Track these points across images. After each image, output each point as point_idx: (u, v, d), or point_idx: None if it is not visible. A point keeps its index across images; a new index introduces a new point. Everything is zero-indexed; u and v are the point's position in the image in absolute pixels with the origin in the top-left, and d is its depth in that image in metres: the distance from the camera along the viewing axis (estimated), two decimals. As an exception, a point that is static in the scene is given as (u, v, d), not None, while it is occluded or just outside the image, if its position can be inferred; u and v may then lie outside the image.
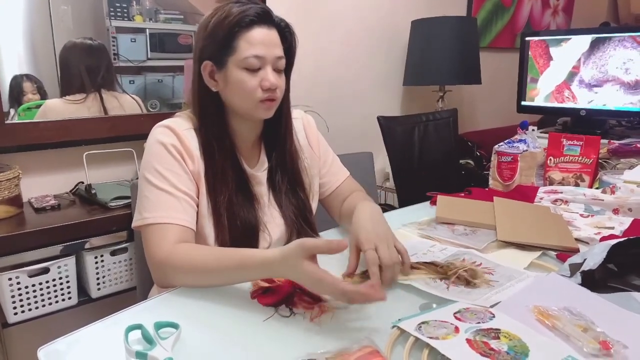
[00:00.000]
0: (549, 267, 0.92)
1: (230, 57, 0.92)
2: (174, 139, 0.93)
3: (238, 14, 0.90)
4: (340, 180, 1.17)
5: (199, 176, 0.95)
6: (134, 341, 0.67)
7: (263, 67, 0.93)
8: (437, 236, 1.08)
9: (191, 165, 0.94)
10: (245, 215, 0.98)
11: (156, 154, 0.93)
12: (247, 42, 0.91)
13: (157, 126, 0.96)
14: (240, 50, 0.91)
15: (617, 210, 1.20)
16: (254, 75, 0.92)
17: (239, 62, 0.91)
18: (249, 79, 0.92)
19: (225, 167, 0.96)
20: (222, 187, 0.96)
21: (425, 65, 2.26)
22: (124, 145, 1.60)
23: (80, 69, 1.57)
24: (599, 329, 0.65)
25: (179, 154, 0.93)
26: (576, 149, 1.45)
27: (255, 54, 0.91)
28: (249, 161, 1.03)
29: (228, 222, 0.95)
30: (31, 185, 1.50)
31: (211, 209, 0.96)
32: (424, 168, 1.98)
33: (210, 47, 0.93)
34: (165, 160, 0.92)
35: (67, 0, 1.54)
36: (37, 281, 1.28)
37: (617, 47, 1.90)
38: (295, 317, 0.73)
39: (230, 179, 0.97)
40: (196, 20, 1.81)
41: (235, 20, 0.90)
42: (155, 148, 0.93)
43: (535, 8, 3.11)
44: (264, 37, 0.92)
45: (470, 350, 0.61)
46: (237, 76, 0.92)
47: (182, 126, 0.95)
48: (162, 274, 0.85)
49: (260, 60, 0.92)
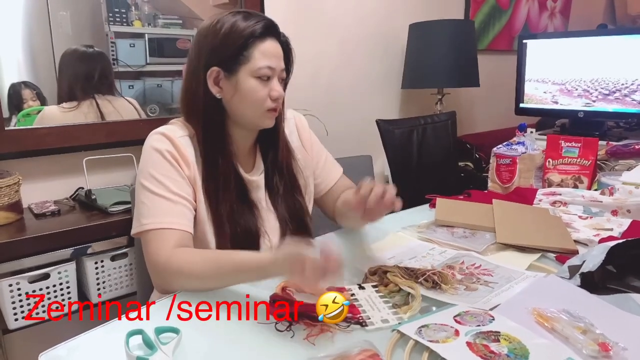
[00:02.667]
0: (548, 269, 0.92)
1: (243, 65, 0.94)
2: (169, 145, 0.94)
3: (253, 24, 0.93)
4: (334, 180, 1.19)
5: (195, 182, 0.96)
6: (134, 346, 0.67)
7: (272, 78, 0.96)
8: (436, 239, 1.08)
9: (187, 170, 0.95)
10: (245, 223, 0.99)
11: (152, 161, 0.93)
12: (261, 53, 0.94)
13: (152, 134, 0.97)
14: (254, 60, 0.93)
15: (616, 211, 1.20)
16: (265, 85, 0.95)
17: (252, 71, 0.94)
18: (260, 88, 0.95)
19: (226, 174, 0.97)
20: (224, 195, 0.97)
21: (424, 68, 2.27)
22: (123, 150, 1.60)
23: (72, 77, 1.57)
24: (598, 330, 0.65)
25: (174, 159, 0.94)
26: (574, 150, 1.45)
27: (268, 64, 0.94)
28: (245, 167, 1.04)
29: (230, 231, 0.97)
30: (31, 191, 1.50)
31: (212, 217, 0.96)
32: (422, 171, 1.98)
33: (221, 54, 0.94)
34: (161, 166, 0.93)
35: (66, 5, 1.54)
36: (38, 287, 1.28)
37: (615, 49, 1.91)
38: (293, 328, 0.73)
39: (232, 187, 0.98)
40: (195, 25, 1.82)
41: (250, 31, 0.93)
42: (151, 155, 0.94)
43: (532, 10, 3.12)
44: (275, 50, 0.96)
45: (470, 353, 0.61)
46: (249, 85, 0.94)
47: (177, 133, 0.96)
48: (162, 279, 0.86)
49: (272, 72, 0.95)
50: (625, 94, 1.89)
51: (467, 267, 0.93)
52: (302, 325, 0.73)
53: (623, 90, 1.90)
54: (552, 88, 2.09)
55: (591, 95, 1.98)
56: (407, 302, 0.79)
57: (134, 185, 1.25)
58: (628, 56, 1.88)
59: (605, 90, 1.94)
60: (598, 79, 1.95)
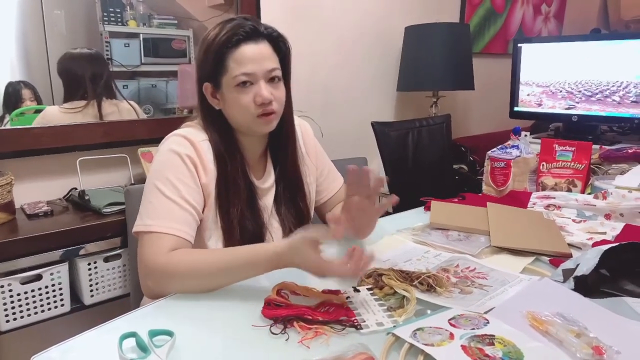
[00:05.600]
0: (542, 272, 0.92)
1: (223, 77, 0.94)
2: (190, 150, 0.93)
3: (224, 34, 0.92)
4: (335, 189, 1.19)
5: (210, 190, 0.95)
6: (128, 349, 0.66)
7: (255, 83, 0.93)
8: (431, 242, 1.08)
9: (204, 177, 0.94)
10: (253, 228, 0.99)
11: (169, 163, 0.92)
12: (235, 62, 0.92)
13: (172, 135, 0.96)
14: (230, 70, 0.93)
15: (609, 215, 1.21)
16: (247, 92, 0.93)
17: (230, 81, 0.93)
18: (242, 96, 0.93)
19: (236, 179, 0.97)
20: (234, 199, 0.97)
21: (419, 71, 2.28)
22: (118, 151, 1.59)
23: (84, 78, 1.56)
24: (592, 334, 0.66)
25: (193, 165, 0.93)
26: (568, 154, 1.46)
27: (244, 71, 0.92)
28: (256, 173, 1.04)
29: (240, 234, 0.96)
30: (24, 192, 1.49)
31: (221, 220, 0.96)
32: (417, 173, 1.99)
33: (205, 70, 0.96)
34: (178, 170, 0.92)
35: (60, 5, 1.53)
36: (30, 288, 1.27)
37: (608, 53, 1.93)
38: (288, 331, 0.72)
39: (242, 191, 0.98)
40: (190, 25, 1.81)
41: (222, 41, 0.92)
42: (169, 157, 0.93)
43: (527, 14, 3.14)
44: (253, 53, 0.93)
45: (465, 356, 0.61)
46: (231, 95, 0.94)
47: (198, 137, 0.96)
48: (156, 281, 0.85)
49: (251, 77, 0.93)
50: (618, 98, 1.91)
51: (461, 270, 0.93)
52: (297, 328, 0.72)
53: (615, 94, 1.91)
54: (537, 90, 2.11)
55: (583, 99, 1.99)
56: (402, 305, 0.79)
57: (129, 186, 1.25)
58: (621, 60, 1.89)
59: (598, 94, 1.95)
60: (591, 82, 1.96)
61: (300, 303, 0.78)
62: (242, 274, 0.83)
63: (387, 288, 0.83)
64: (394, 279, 0.85)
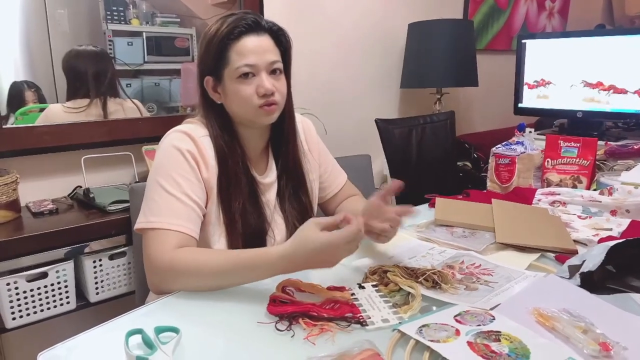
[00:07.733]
0: (547, 269, 0.92)
1: (224, 70, 0.94)
2: (190, 145, 0.93)
3: (226, 27, 0.92)
4: (339, 186, 1.19)
5: (212, 185, 0.95)
6: (134, 346, 0.67)
7: (257, 74, 0.94)
8: (436, 238, 1.08)
9: (205, 172, 0.94)
10: (255, 222, 0.99)
11: (171, 159, 0.92)
12: (237, 53, 0.93)
13: (173, 131, 0.96)
14: (232, 62, 0.93)
15: (615, 211, 1.20)
16: (249, 83, 0.94)
17: (232, 73, 0.93)
18: (244, 87, 0.93)
19: (238, 174, 0.97)
20: (236, 193, 0.97)
21: (422, 68, 2.27)
22: (122, 149, 1.60)
23: (87, 76, 1.57)
24: (598, 330, 0.65)
25: (194, 160, 0.93)
26: (573, 150, 1.45)
27: (246, 63, 0.92)
28: (257, 168, 1.04)
29: (242, 229, 0.96)
30: (29, 190, 1.49)
31: (223, 215, 0.96)
32: (421, 170, 1.98)
33: (206, 63, 0.96)
34: (179, 166, 0.92)
35: (63, 3, 1.53)
36: (36, 286, 1.28)
37: (613, 49, 1.91)
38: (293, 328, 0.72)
39: (243, 186, 0.98)
40: (193, 24, 1.81)
41: (224, 34, 0.92)
42: (171, 152, 0.93)
43: (531, 10, 3.13)
44: (255, 45, 0.93)
45: (471, 352, 0.61)
46: (233, 87, 0.94)
47: (198, 132, 0.96)
48: (162, 278, 0.85)
49: (253, 68, 0.93)
50: (624, 94, 1.90)
51: (467, 267, 0.92)
52: (302, 325, 0.72)
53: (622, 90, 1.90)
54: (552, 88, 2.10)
55: (590, 95, 1.98)
56: (407, 302, 0.79)
57: (133, 184, 1.25)
58: (626, 56, 1.88)
59: (603, 90, 1.94)
60: (596, 78, 1.95)
61: (305, 300, 0.78)
62: (246, 277, 0.82)
63: (392, 285, 0.83)
64: (399, 275, 0.84)
